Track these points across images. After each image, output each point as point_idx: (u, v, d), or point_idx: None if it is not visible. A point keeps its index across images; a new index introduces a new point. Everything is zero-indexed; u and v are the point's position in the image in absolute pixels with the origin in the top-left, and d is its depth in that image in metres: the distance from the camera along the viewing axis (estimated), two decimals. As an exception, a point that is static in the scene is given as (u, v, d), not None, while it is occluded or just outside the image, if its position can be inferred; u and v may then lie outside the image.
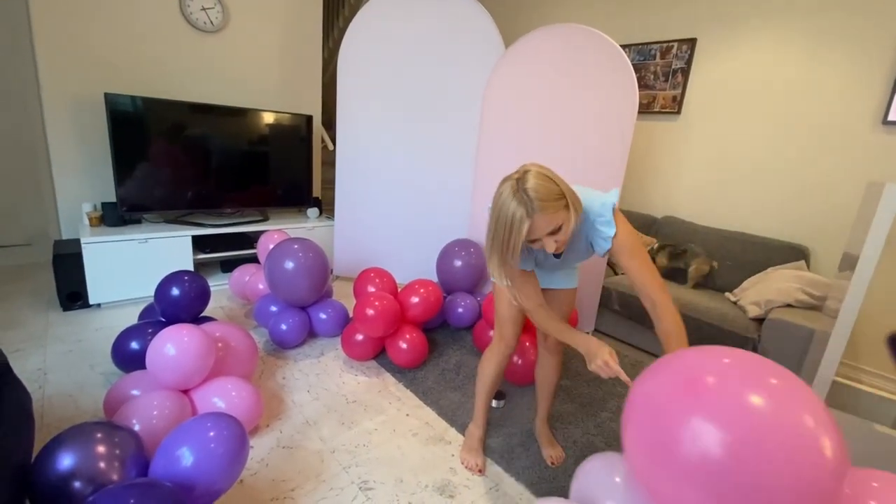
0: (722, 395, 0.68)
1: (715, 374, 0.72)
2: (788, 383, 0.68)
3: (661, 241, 2.71)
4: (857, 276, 1.46)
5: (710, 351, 0.78)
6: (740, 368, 0.71)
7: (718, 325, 2.13)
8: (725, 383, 0.69)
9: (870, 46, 2.20)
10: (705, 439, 0.65)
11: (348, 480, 1.40)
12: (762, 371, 0.70)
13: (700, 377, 0.72)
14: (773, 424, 0.63)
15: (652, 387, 0.79)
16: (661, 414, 0.73)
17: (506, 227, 1.00)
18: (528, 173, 1.02)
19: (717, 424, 0.65)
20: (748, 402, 0.66)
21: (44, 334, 2.07)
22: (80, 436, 1.02)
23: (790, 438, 0.62)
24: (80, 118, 2.50)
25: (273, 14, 3.06)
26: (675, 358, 0.82)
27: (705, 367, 0.74)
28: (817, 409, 0.65)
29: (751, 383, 0.68)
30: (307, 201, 3.21)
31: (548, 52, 2.33)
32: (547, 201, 0.99)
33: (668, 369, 0.79)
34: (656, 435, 0.73)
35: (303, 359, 2.08)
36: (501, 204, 1.02)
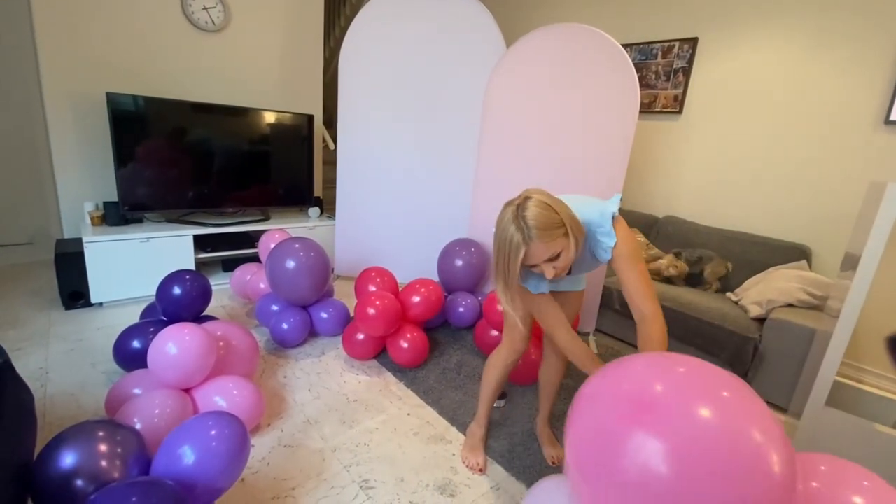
0: (668, 406, 0.64)
1: (664, 383, 0.68)
2: (739, 394, 0.64)
3: (673, 249, 2.66)
4: (859, 276, 1.46)
5: (663, 358, 0.75)
6: (691, 378, 0.68)
7: (720, 324, 2.12)
8: (674, 394, 0.65)
9: (872, 46, 2.19)
10: (648, 452, 0.61)
11: (349, 479, 1.40)
12: (713, 382, 0.67)
13: (648, 387, 0.68)
14: (719, 438, 0.60)
15: (597, 392, 0.75)
16: (603, 424, 0.69)
17: (504, 252, 1.04)
18: (529, 200, 1.03)
19: (662, 437, 0.61)
20: (695, 414, 0.62)
21: (46, 333, 2.07)
22: (81, 434, 1.02)
23: (736, 453, 0.59)
24: (81, 117, 2.51)
25: (274, 13, 3.06)
26: (625, 363, 0.79)
27: (655, 375, 0.70)
28: (766, 422, 0.62)
29: (700, 395, 0.64)
30: (308, 201, 3.21)
31: (549, 52, 2.33)
32: (545, 230, 1.00)
33: (617, 375, 0.75)
34: (597, 444, 0.68)
35: (304, 358, 2.09)
36: (502, 229, 1.04)
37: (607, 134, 2.32)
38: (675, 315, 2.26)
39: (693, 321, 2.20)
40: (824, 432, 1.58)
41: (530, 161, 2.46)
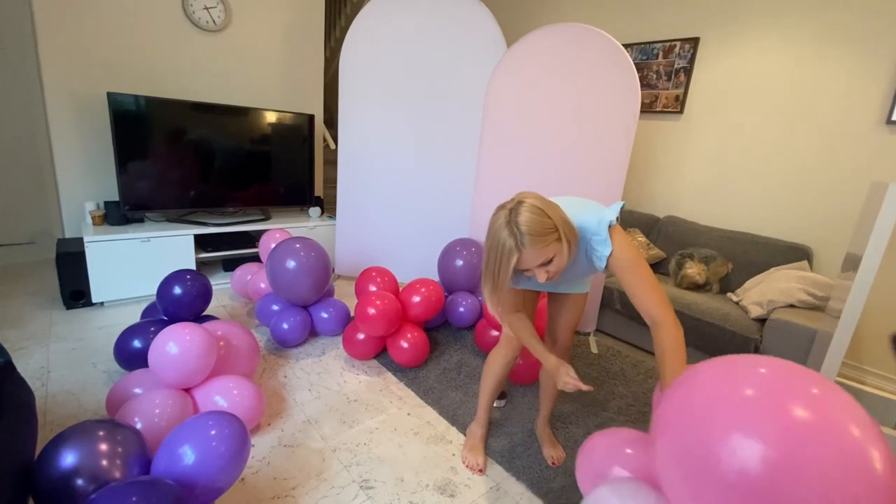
0: (762, 407, 0.64)
1: (753, 385, 0.67)
2: (830, 393, 0.64)
3: (679, 251, 2.62)
4: (860, 277, 1.45)
5: (742, 360, 0.75)
6: (778, 378, 0.67)
7: (720, 324, 2.12)
8: (765, 395, 0.65)
9: (874, 46, 2.19)
10: (745, 454, 0.61)
11: (349, 479, 1.41)
12: (800, 380, 0.66)
13: (739, 389, 0.68)
14: (818, 437, 0.59)
15: (686, 399, 0.75)
16: (697, 428, 0.69)
17: (496, 257, 1.02)
18: (522, 205, 1.01)
19: (758, 439, 0.61)
20: (791, 414, 0.61)
21: (47, 332, 2.08)
22: (82, 434, 1.02)
23: (836, 452, 0.58)
24: (83, 117, 2.51)
25: (275, 13, 3.06)
26: (706, 369, 0.78)
27: (742, 377, 0.70)
28: (863, 420, 0.61)
29: (791, 394, 0.64)
30: (309, 200, 3.21)
31: (550, 52, 2.32)
32: (537, 236, 0.99)
33: (701, 381, 0.75)
34: (693, 449, 0.68)
35: (304, 358, 2.09)
36: (494, 234, 1.03)
37: (608, 134, 2.31)
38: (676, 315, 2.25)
39: (694, 321, 2.20)
40: (825, 433, 1.57)
41: (531, 160, 2.46)
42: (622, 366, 2.27)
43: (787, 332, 1.96)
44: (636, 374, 2.20)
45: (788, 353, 1.95)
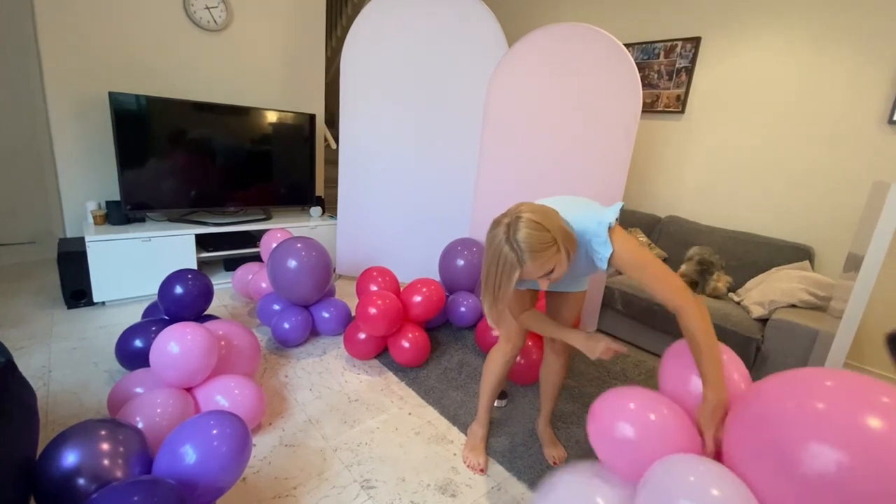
0: (836, 417, 0.70)
1: (824, 399, 0.73)
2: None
3: (689, 253, 2.54)
4: (862, 277, 1.45)
5: (812, 374, 0.80)
6: (847, 390, 0.73)
7: (721, 325, 2.12)
8: (838, 406, 0.71)
9: (875, 45, 2.18)
10: (824, 461, 0.68)
11: (350, 479, 1.41)
12: (869, 390, 0.72)
13: (813, 401, 0.74)
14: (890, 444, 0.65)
15: (764, 409, 0.81)
16: (778, 435, 0.75)
17: (497, 272, 1.03)
18: (520, 221, 1.02)
19: (836, 446, 0.68)
20: (862, 423, 0.68)
21: (48, 332, 2.08)
22: (84, 433, 1.03)
23: None
24: (84, 117, 2.51)
25: (276, 13, 3.06)
26: (766, 386, 0.84)
27: (815, 390, 0.76)
28: None
29: (862, 404, 0.70)
30: (310, 200, 3.21)
31: (551, 51, 2.32)
32: (537, 251, 1.00)
33: (778, 392, 0.81)
34: (775, 454, 0.75)
35: (305, 357, 2.09)
36: (494, 249, 1.03)
37: (609, 133, 2.31)
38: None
39: (695, 321, 2.19)
40: (827, 433, 1.57)
41: (531, 159, 2.45)
42: (623, 366, 2.26)
43: (788, 333, 1.95)
44: (637, 374, 2.20)
45: (790, 354, 1.95)
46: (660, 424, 0.95)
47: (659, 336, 2.39)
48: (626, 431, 0.95)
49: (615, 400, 1.03)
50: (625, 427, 0.95)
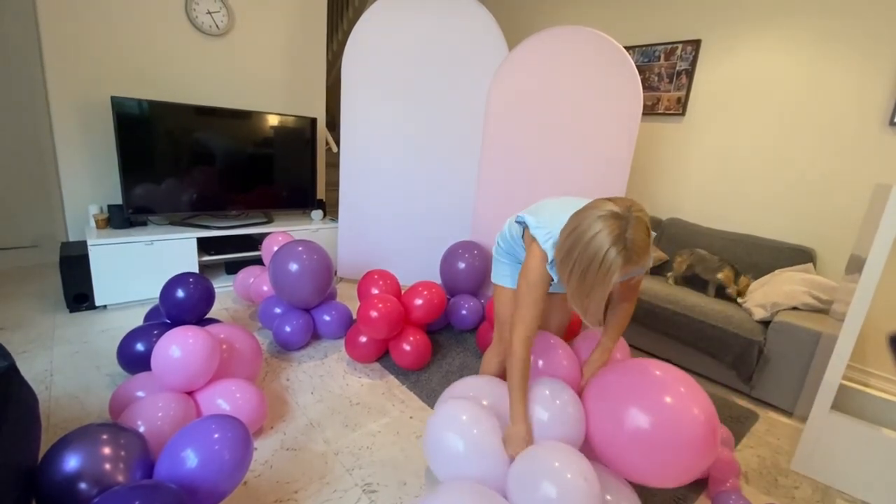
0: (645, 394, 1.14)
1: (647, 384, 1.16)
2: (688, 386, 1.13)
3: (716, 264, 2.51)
4: (864, 279, 1.45)
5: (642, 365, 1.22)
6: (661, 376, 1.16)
7: (724, 327, 2.11)
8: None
9: (877, 47, 2.19)
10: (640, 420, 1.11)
11: (352, 483, 1.40)
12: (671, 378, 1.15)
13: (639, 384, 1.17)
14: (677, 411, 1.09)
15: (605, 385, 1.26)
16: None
17: (600, 267, 0.95)
18: (636, 220, 0.96)
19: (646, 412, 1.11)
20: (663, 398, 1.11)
21: (50, 336, 2.09)
22: (85, 437, 1.03)
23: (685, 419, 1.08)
24: (86, 121, 2.53)
25: (277, 17, 3.07)
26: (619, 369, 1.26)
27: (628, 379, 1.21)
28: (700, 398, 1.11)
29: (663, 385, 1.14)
30: (311, 203, 3.22)
31: (551, 55, 2.33)
32: (642, 256, 0.97)
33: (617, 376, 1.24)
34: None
35: (307, 361, 2.09)
36: (600, 243, 0.95)
37: (610, 136, 2.31)
38: (679, 318, 2.25)
39: (697, 324, 2.19)
40: (830, 437, 1.57)
41: (532, 163, 2.46)
42: (625, 368, 2.26)
43: (791, 335, 1.95)
44: (639, 376, 2.20)
45: (793, 356, 1.94)
46: None
47: (660, 338, 2.38)
48: None
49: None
50: None
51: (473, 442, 1.17)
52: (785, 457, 1.72)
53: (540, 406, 1.22)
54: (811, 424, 1.59)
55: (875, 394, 1.74)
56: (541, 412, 1.21)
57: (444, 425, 1.21)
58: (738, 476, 1.46)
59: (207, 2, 2.75)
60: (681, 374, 1.16)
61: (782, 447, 1.78)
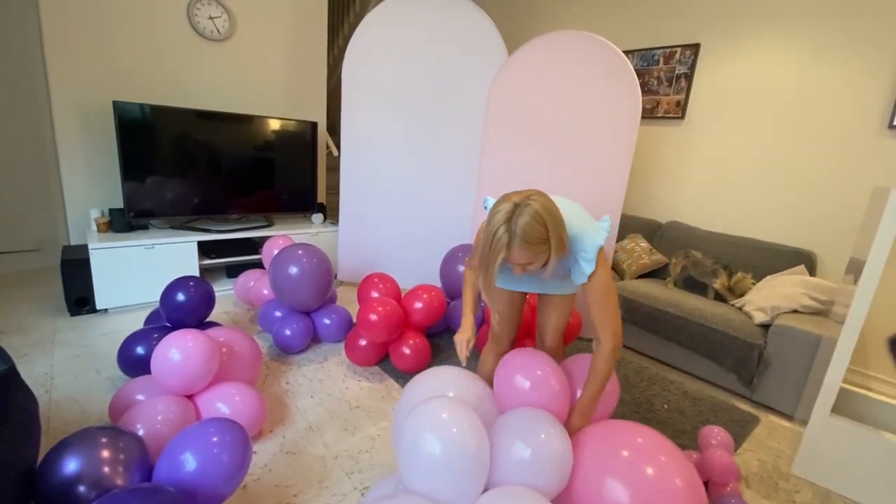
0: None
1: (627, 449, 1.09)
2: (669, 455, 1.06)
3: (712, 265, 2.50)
4: (864, 282, 1.45)
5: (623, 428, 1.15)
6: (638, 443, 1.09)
7: (724, 330, 2.11)
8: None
9: (875, 51, 2.19)
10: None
11: (351, 486, 1.40)
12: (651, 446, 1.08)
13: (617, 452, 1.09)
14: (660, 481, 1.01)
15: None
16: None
17: (490, 244, 1.08)
18: (527, 208, 1.05)
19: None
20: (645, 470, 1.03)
21: (51, 339, 2.09)
22: (85, 440, 1.03)
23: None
24: (88, 125, 2.54)
25: (279, 22, 3.09)
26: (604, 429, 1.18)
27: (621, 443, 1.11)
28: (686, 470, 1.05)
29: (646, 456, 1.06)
30: (312, 207, 3.23)
31: (550, 59, 2.34)
32: (528, 242, 1.05)
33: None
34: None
35: (306, 364, 2.09)
36: (494, 224, 1.07)
37: (609, 140, 2.32)
38: (679, 321, 2.25)
39: (697, 327, 2.19)
40: (830, 441, 1.56)
41: (532, 166, 2.46)
42: (625, 372, 2.25)
43: (791, 338, 1.95)
44: (639, 380, 2.19)
45: (793, 360, 1.94)
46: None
47: (661, 342, 2.38)
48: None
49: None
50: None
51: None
52: (786, 461, 1.71)
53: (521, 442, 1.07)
54: (812, 428, 1.59)
55: (876, 397, 1.74)
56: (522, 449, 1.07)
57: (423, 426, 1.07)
58: (739, 480, 1.46)
59: (209, 7, 2.77)
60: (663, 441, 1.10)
61: (783, 451, 1.77)
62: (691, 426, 1.85)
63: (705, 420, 1.89)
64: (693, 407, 1.99)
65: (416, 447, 1.00)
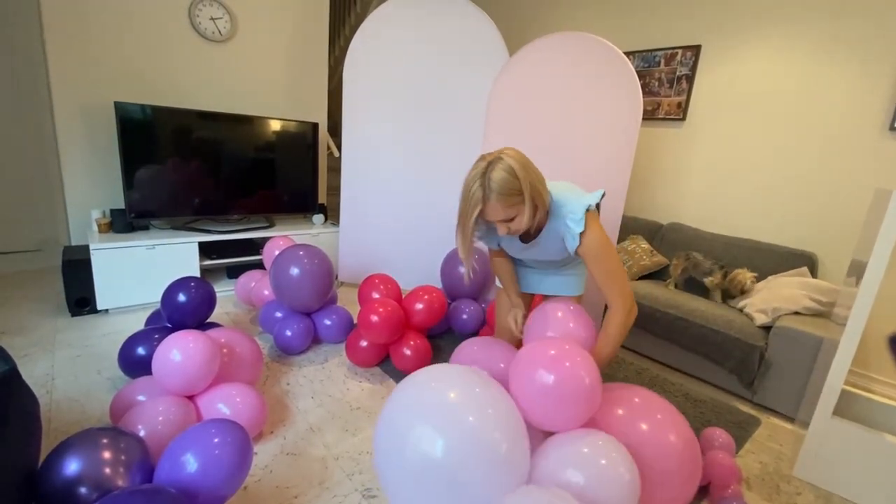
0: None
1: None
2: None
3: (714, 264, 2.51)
4: (866, 284, 1.44)
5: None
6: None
7: (725, 331, 2.11)
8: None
9: (876, 53, 2.19)
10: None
11: (352, 488, 1.40)
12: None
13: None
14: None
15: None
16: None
17: (466, 203, 1.12)
18: (500, 162, 1.09)
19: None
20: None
21: (52, 339, 2.09)
22: (86, 441, 1.03)
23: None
24: (90, 126, 2.54)
25: (280, 23, 3.10)
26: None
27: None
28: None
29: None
30: (313, 207, 3.23)
31: (551, 60, 2.34)
32: (504, 194, 1.07)
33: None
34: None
35: (307, 365, 2.09)
36: (469, 182, 1.12)
37: (610, 141, 2.32)
38: (680, 323, 2.24)
39: (698, 329, 2.19)
40: (832, 442, 1.56)
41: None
42: (626, 374, 2.25)
43: (792, 340, 1.94)
44: (641, 381, 2.19)
45: (794, 361, 1.94)
46: None
47: (661, 343, 2.37)
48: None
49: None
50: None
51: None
52: (787, 463, 1.71)
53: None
54: (813, 430, 1.59)
55: (878, 399, 1.73)
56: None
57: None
58: (740, 482, 1.45)
59: (211, 8, 2.78)
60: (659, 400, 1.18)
61: (784, 453, 1.77)
62: (692, 428, 1.85)
63: (706, 422, 1.89)
64: (694, 409, 1.99)
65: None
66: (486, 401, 0.98)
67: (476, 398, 0.97)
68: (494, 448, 0.92)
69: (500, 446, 0.92)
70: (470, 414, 0.93)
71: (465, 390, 0.99)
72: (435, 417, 0.94)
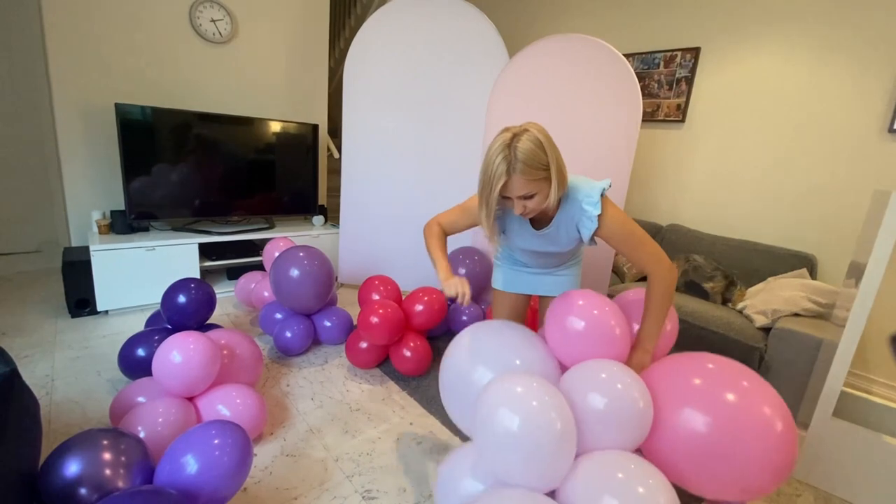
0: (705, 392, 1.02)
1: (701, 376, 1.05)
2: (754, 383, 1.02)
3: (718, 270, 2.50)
4: (865, 285, 1.45)
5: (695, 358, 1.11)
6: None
7: (724, 333, 2.11)
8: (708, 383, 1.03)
9: (875, 54, 2.20)
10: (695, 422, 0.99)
11: (351, 489, 1.40)
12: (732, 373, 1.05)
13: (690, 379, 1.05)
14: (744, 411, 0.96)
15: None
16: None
17: (488, 175, 1.05)
18: (526, 133, 1.04)
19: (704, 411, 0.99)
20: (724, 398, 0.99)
21: (52, 341, 2.09)
22: (86, 443, 1.03)
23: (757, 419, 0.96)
24: (90, 127, 2.55)
25: (280, 25, 3.10)
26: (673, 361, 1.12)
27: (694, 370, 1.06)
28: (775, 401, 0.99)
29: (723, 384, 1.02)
30: (313, 209, 3.23)
31: (551, 62, 2.35)
32: (529, 166, 1.02)
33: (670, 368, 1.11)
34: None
35: (307, 366, 2.09)
36: (492, 153, 1.05)
37: (610, 143, 2.33)
38: (680, 324, 2.24)
39: (697, 330, 2.19)
40: (832, 444, 1.56)
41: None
42: (626, 375, 2.25)
43: (792, 342, 1.94)
44: (640, 383, 2.19)
45: (794, 363, 1.94)
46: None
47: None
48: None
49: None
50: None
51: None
52: (787, 464, 1.71)
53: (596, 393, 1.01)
54: (813, 432, 1.59)
55: (877, 401, 1.73)
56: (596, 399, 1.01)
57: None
58: (740, 483, 1.45)
59: (211, 10, 2.78)
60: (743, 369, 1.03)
61: (784, 454, 1.77)
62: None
63: (706, 423, 1.88)
64: (694, 410, 1.99)
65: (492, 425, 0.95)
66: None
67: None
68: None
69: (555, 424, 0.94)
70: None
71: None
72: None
